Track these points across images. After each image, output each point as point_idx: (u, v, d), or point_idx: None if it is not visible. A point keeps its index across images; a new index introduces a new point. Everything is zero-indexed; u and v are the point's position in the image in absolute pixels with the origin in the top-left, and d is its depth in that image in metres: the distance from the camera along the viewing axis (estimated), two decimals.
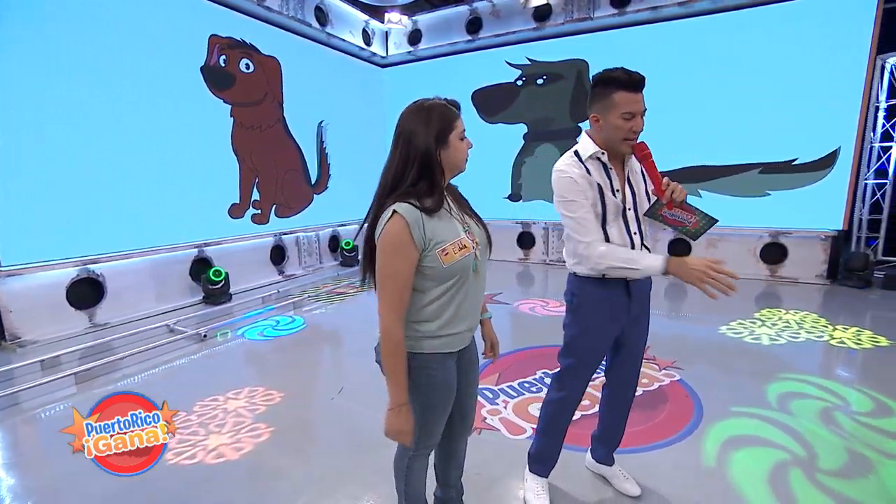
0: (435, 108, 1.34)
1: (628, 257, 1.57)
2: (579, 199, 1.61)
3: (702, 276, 1.44)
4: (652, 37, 6.52)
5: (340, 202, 7.68)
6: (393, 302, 1.30)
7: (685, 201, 1.55)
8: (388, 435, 1.35)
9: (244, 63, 5.89)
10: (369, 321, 4.91)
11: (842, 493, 1.99)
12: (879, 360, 3.52)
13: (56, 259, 4.21)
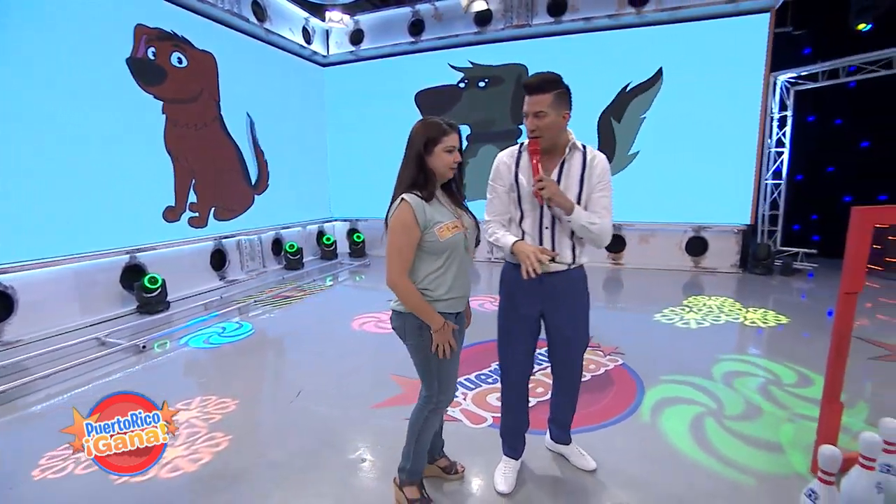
0: (431, 123, 1.68)
1: (500, 236, 1.84)
2: (495, 183, 1.91)
3: (526, 258, 1.67)
4: (585, 45, 6.95)
5: (283, 204, 7.45)
6: (402, 270, 1.64)
7: (552, 200, 1.73)
8: (439, 344, 1.69)
9: (176, 57, 5.55)
10: (323, 322, 4.87)
11: (742, 432, 2.49)
12: (780, 335, 4.08)
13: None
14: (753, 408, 2.75)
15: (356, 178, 8.44)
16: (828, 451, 1.68)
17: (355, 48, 8.07)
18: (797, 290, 5.71)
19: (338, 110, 8.57)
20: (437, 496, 1.98)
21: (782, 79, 6.74)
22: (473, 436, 2.48)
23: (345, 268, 7.43)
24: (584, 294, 1.96)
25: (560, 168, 1.82)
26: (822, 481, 1.69)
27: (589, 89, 6.93)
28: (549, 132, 1.75)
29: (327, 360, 3.63)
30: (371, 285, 6.40)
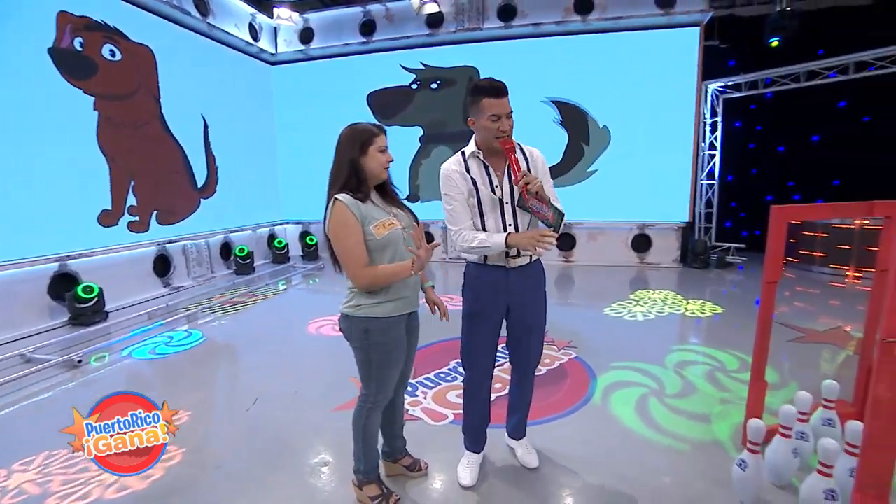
0: (359, 128, 1.72)
1: (484, 238, 1.83)
2: (452, 193, 1.88)
3: (530, 240, 1.75)
4: (534, 50, 7.17)
5: (231, 207, 7.16)
6: (360, 264, 1.65)
7: (539, 193, 1.79)
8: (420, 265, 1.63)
9: (108, 49, 5.19)
10: (278, 327, 4.73)
11: (679, 407, 2.78)
12: (716, 324, 4.42)
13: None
14: (690, 387, 3.04)
15: (307, 179, 8.19)
16: (754, 424, 1.87)
17: (305, 47, 7.90)
18: (730, 282, 6.19)
19: (287, 110, 8.34)
20: (403, 494, 2.01)
21: (712, 87, 7.27)
22: (435, 433, 2.52)
23: (298, 271, 7.25)
24: (544, 285, 2.06)
25: (507, 167, 1.90)
26: (749, 451, 1.87)
27: (536, 92, 7.18)
28: (510, 131, 1.82)
29: (284, 366, 3.55)
30: (326, 288, 6.29)
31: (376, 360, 1.75)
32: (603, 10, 6.74)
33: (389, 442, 2.10)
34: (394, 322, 1.75)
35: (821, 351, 3.63)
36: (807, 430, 2.09)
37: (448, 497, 2.02)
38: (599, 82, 7.05)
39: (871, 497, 1.34)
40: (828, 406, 2.20)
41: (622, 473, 2.14)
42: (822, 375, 2.97)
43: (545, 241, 1.73)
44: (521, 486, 2.08)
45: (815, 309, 4.86)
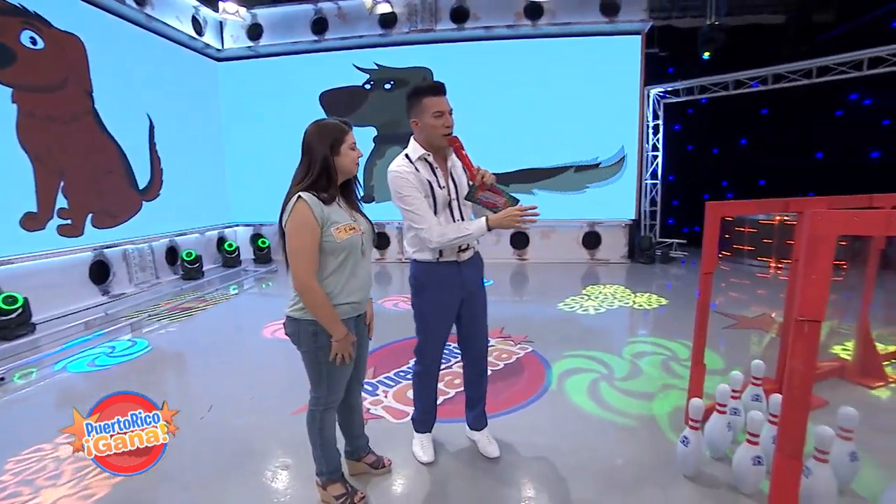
0: (329, 125, 1.69)
1: (461, 227, 1.88)
2: (414, 193, 1.89)
3: (513, 218, 1.80)
4: (486, 52, 7.32)
5: (177, 209, 6.82)
6: (308, 269, 1.61)
7: (494, 184, 1.89)
8: (337, 353, 1.69)
9: (28, 36, 4.79)
10: (231, 332, 4.56)
11: (628, 388, 3.02)
12: (661, 315, 4.70)
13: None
14: (636, 370, 3.29)
15: (258, 180, 7.98)
16: (695, 403, 2.02)
17: (253, 44, 7.65)
18: (673, 276, 6.58)
19: (236, 108, 8.05)
20: (368, 491, 2.01)
21: (654, 92, 7.71)
22: (397, 430, 2.53)
23: (250, 275, 7.02)
24: (483, 272, 2.18)
25: (447, 165, 1.99)
26: (691, 428, 2.02)
27: (489, 94, 7.32)
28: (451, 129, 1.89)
29: (239, 371, 3.44)
30: (280, 292, 6.12)
31: (326, 362, 1.71)
32: (552, 15, 6.99)
33: (351, 441, 2.10)
34: (346, 323, 1.73)
35: (750, 335, 3.96)
36: (739, 406, 2.28)
37: (413, 491, 2.04)
38: (550, 85, 7.29)
39: (788, 457, 1.49)
40: (755, 383, 2.41)
41: (579, 457, 2.25)
42: (751, 357, 3.22)
43: (528, 215, 1.78)
44: (484, 475, 2.14)
45: (747, 298, 5.27)
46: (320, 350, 1.70)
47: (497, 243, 7.72)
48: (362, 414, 2.13)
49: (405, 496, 2.01)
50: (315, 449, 1.87)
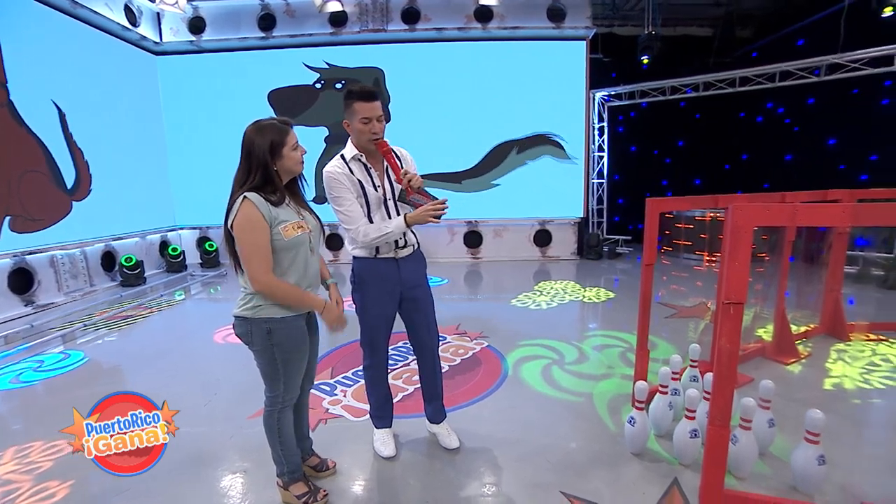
0: (267, 127, 1.64)
1: (382, 227, 1.95)
2: (345, 195, 1.94)
3: (426, 214, 1.88)
4: (438, 54, 7.40)
5: (113, 211, 6.41)
6: (265, 268, 1.60)
7: (421, 188, 1.95)
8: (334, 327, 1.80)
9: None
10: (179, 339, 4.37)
11: (576, 371, 3.27)
12: (608, 307, 4.96)
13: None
14: (584, 356, 3.56)
15: (204, 181, 7.64)
16: (640, 385, 2.17)
17: (196, 38, 7.33)
18: (620, 271, 6.93)
19: (178, 105, 7.66)
20: (330, 488, 2.00)
21: (598, 96, 8.09)
22: (357, 428, 2.54)
23: (197, 280, 6.71)
24: (426, 272, 2.25)
25: (384, 168, 2.04)
26: (636, 409, 2.17)
27: (441, 95, 7.41)
28: (382, 134, 1.95)
29: (191, 378, 3.30)
30: (230, 296, 5.89)
31: (282, 359, 1.71)
32: (501, 19, 7.17)
33: (299, 441, 2.05)
34: (294, 321, 1.72)
35: (688, 323, 4.27)
36: (678, 387, 2.47)
37: (376, 485, 2.06)
38: (500, 87, 7.48)
39: (718, 427, 1.66)
40: (693, 365, 2.62)
41: (535, 443, 2.35)
42: (689, 342, 3.49)
43: (438, 209, 1.87)
44: (445, 466, 2.19)
45: (686, 289, 5.65)
46: (275, 347, 1.68)
47: (451, 243, 7.83)
48: (308, 415, 2.11)
49: (369, 491, 2.03)
50: (274, 449, 1.84)
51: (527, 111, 7.52)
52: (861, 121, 6.67)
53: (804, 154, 7.57)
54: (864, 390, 2.86)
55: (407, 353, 3.53)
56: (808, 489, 1.89)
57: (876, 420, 2.59)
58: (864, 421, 2.57)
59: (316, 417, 2.63)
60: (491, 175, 7.72)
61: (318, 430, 2.51)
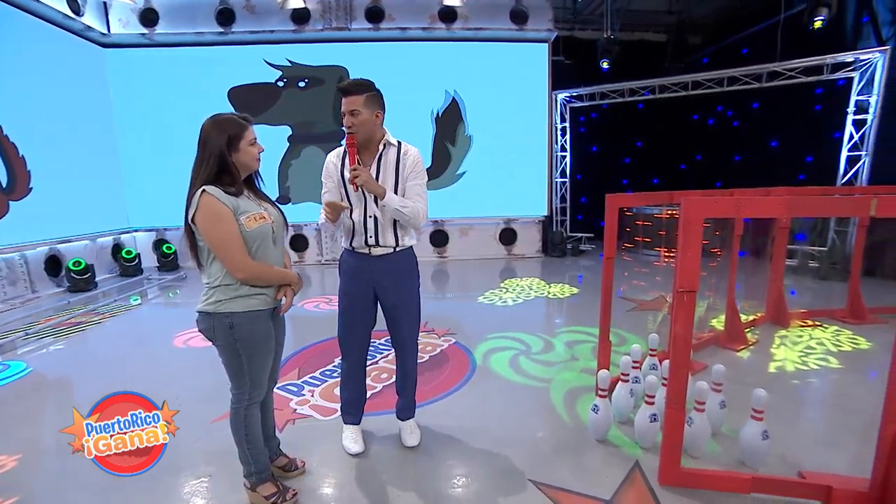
0: (226, 120, 1.64)
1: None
2: (325, 181, 2.08)
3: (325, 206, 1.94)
4: (402, 53, 7.39)
5: (58, 212, 6.04)
6: (241, 255, 1.60)
7: (363, 186, 1.93)
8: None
9: None
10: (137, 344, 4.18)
11: (542, 359, 3.43)
12: (572, 302, 5.11)
13: None
14: (549, 346, 3.72)
15: (161, 181, 7.32)
16: (603, 374, 2.26)
17: (148, 31, 7.01)
18: (583, 268, 7.14)
19: (131, 101, 7.29)
20: (299, 487, 1.97)
21: (561, 97, 8.31)
22: (326, 427, 2.51)
23: (154, 284, 6.43)
24: (412, 275, 2.18)
25: (378, 162, 2.04)
26: (599, 396, 2.26)
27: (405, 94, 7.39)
28: (363, 128, 1.96)
29: (150, 384, 3.16)
30: (190, 300, 5.68)
31: (246, 354, 1.68)
32: (465, 20, 7.25)
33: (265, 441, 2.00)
34: (259, 315, 1.70)
35: (648, 315, 4.46)
36: (639, 375, 2.58)
37: (346, 482, 2.05)
38: (464, 88, 7.55)
39: (674, 409, 1.76)
40: (652, 354, 2.74)
41: (504, 434, 2.40)
42: (649, 332, 3.66)
43: (332, 206, 1.90)
44: (415, 461, 2.20)
45: (646, 284, 5.89)
46: (239, 342, 1.65)
47: (417, 242, 7.80)
48: (273, 414, 2.07)
49: (340, 488, 2.01)
50: (241, 449, 1.80)
51: (491, 111, 7.62)
52: (797, 125, 7.17)
53: (751, 154, 8.05)
54: (803, 371, 3.09)
55: (375, 352, 3.53)
56: (753, 462, 2.02)
57: (812, 398, 2.81)
58: (802, 399, 2.78)
59: (283, 418, 2.58)
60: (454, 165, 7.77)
61: (287, 431, 2.47)
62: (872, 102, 5.85)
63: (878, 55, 5.76)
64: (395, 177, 2.04)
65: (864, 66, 5.90)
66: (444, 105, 7.64)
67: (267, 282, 1.69)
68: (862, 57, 5.89)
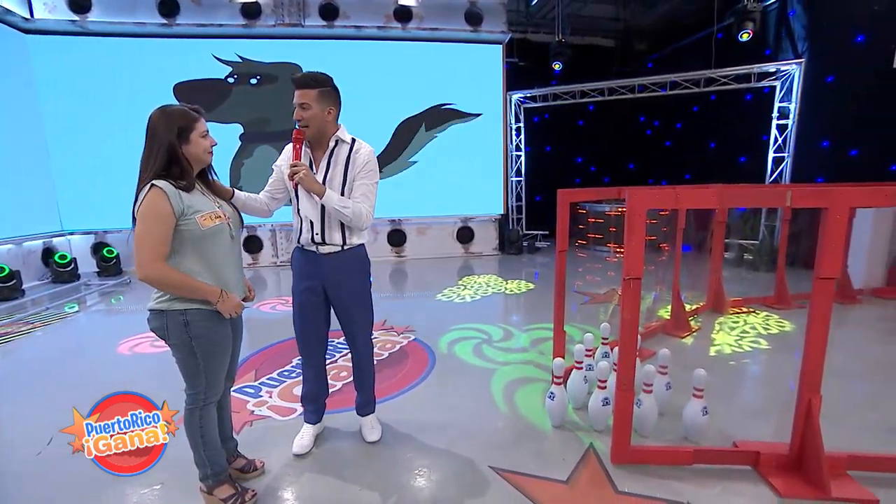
0: (175, 111, 1.59)
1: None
2: (279, 165, 2.10)
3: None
4: (357, 52, 7.32)
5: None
6: (152, 256, 1.51)
7: (300, 183, 1.94)
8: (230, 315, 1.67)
9: None
10: (75, 354, 3.95)
11: (503, 346, 3.64)
12: (528, 297, 5.25)
13: None
14: (509, 334, 3.93)
15: (99, 181, 6.86)
16: (558, 362, 2.35)
17: (79, 18, 6.50)
18: (539, 264, 7.34)
19: (61, 94, 6.76)
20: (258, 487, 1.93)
21: (515, 98, 8.50)
22: (285, 427, 2.46)
23: (93, 290, 6.03)
24: (362, 273, 2.17)
25: (328, 158, 2.02)
26: (555, 384, 2.35)
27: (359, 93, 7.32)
28: (312, 123, 1.94)
29: (90, 395, 2.90)
30: (136, 306, 5.36)
31: (202, 352, 1.63)
32: (421, 20, 7.28)
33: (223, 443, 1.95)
34: (215, 312, 1.64)
35: (600, 307, 4.67)
36: (592, 363, 2.71)
37: (305, 481, 2.02)
38: (420, 88, 7.58)
39: (623, 391, 1.87)
40: (604, 342, 2.89)
41: (463, 425, 2.45)
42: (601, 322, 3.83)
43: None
44: (377, 456, 2.20)
45: (599, 279, 6.13)
46: (194, 340, 1.60)
47: (374, 242, 7.78)
48: (231, 415, 2.02)
49: (300, 486, 1.99)
50: (197, 452, 1.74)
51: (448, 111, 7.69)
52: (732, 128, 7.71)
53: (692, 155, 8.57)
54: (738, 353, 3.35)
55: (334, 351, 3.49)
56: (695, 437, 2.18)
57: (745, 376, 3.07)
58: (737, 378, 3.02)
59: (241, 420, 2.51)
60: (406, 154, 7.77)
61: (245, 433, 2.41)
62: (792, 109, 6.40)
63: (795, 66, 6.32)
64: (344, 175, 2.02)
65: (784, 76, 6.45)
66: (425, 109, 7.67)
67: (173, 290, 1.56)
68: (782, 68, 6.44)
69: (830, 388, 1.92)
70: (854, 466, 1.88)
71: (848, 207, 1.64)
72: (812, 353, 1.76)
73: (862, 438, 2.23)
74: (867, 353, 3.32)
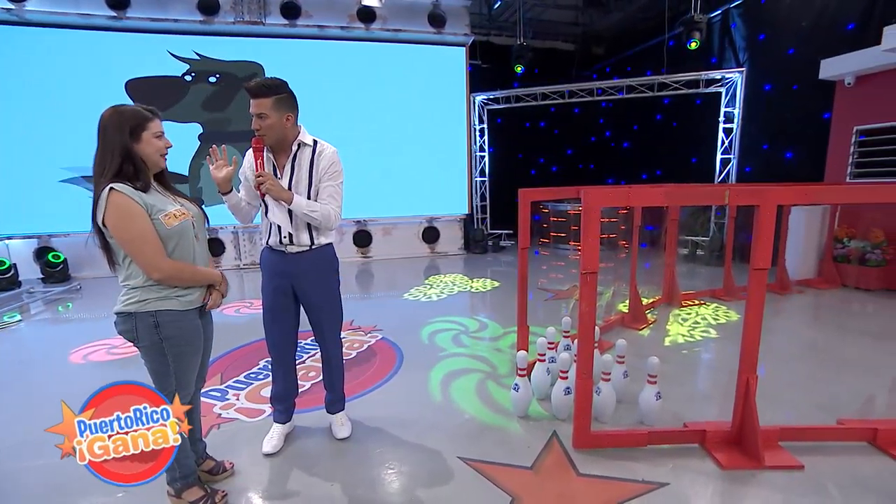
0: (129, 109, 1.57)
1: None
2: (242, 182, 2.14)
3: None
4: (320, 52, 7.25)
5: None
6: (160, 254, 1.54)
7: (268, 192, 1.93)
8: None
9: None
10: (21, 364, 3.74)
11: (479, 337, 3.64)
12: (494, 296, 5.37)
13: None
14: (483, 326, 4.15)
15: (42, 182, 6.47)
16: (521, 354, 2.45)
17: (16, 6, 6.07)
18: (504, 262, 7.50)
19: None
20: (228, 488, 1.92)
21: (479, 99, 8.64)
22: (254, 428, 2.45)
23: (37, 297, 5.70)
24: (330, 272, 2.18)
25: (292, 163, 2.03)
26: (519, 376, 2.45)
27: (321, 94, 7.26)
28: (271, 132, 1.94)
29: (39, 407, 2.84)
30: (87, 314, 5.09)
31: (173, 354, 1.61)
32: (384, 21, 7.29)
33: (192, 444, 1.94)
34: (186, 314, 1.65)
35: (563, 303, 4.84)
36: (554, 355, 2.83)
37: (277, 479, 2.03)
38: (384, 88, 7.59)
39: (583, 378, 1.99)
40: (565, 335, 3.01)
41: (432, 419, 2.51)
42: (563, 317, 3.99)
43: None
44: (347, 453, 2.23)
45: (562, 276, 6.32)
46: (165, 342, 1.59)
47: (340, 243, 7.73)
48: (200, 417, 2.01)
49: (271, 486, 1.99)
50: None
51: (411, 113, 7.74)
52: (684, 130, 8.14)
53: (648, 155, 8.98)
54: (690, 342, 3.57)
55: (302, 351, 3.48)
56: (649, 421, 2.33)
57: (696, 363, 3.28)
58: (689, 365, 3.22)
59: (208, 424, 2.48)
60: None
61: (212, 435, 2.38)
62: (736, 114, 6.85)
63: (738, 74, 6.78)
64: (309, 178, 2.03)
65: (728, 83, 6.89)
66: None
67: (186, 282, 1.62)
68: (727, 75, 6.89)
69: (769, 369, 2.11)
70: (785, 437, 2.08)
71: (775, 205, 1.82)
72: (749, 337, 1.94)
73: (795, 413, 2.45)
74: (801, 338, 3.61)
